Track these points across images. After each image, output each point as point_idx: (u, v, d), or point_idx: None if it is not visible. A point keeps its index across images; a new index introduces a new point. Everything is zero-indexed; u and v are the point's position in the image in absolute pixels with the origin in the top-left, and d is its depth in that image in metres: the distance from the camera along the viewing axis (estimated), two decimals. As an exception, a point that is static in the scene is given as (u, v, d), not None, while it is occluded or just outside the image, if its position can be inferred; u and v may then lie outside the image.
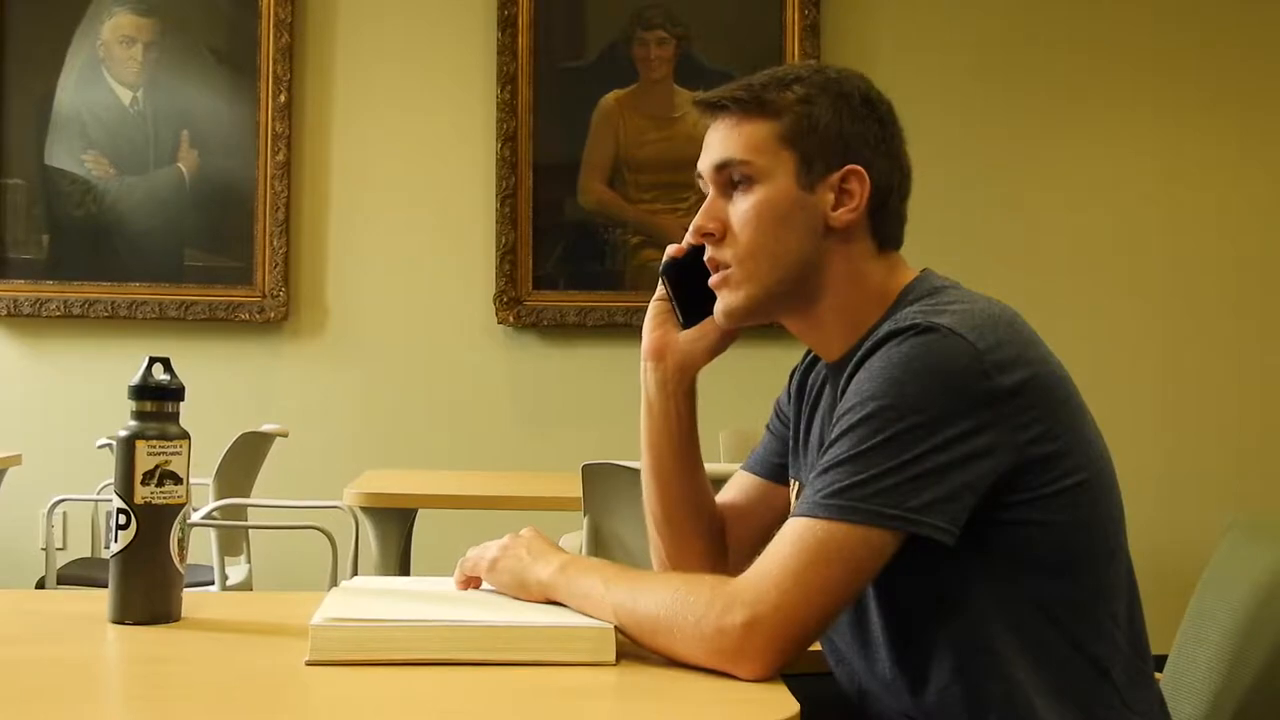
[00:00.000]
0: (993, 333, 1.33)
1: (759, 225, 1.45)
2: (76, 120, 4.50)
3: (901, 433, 1.28)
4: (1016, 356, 1.33)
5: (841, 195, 1.45)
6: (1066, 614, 1.36)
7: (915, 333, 1.32)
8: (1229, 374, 4.59)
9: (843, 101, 1.46)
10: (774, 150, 1.45)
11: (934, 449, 1.28)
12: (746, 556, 1.59)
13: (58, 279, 4.50)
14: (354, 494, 3.14)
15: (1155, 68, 4.63)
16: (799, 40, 4.48)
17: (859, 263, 1.46)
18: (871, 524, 1.27)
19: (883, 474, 1.28)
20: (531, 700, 1.20)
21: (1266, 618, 1.49)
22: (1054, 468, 1.34)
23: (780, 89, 1.46)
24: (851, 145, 1.45)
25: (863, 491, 1.27)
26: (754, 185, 1.45)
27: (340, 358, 4.55)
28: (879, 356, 1.33)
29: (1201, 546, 1.75)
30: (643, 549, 2.72)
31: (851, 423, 1.31)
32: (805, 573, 1.27)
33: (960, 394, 1.30)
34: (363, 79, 4.58)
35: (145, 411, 1.47)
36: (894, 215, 1.48)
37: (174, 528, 1.45)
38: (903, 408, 1.29)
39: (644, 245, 4.55)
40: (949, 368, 1.30)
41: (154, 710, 1.21)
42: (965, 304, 1.38)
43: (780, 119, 1.45)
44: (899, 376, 1.30)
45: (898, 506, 1.27)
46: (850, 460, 1.29)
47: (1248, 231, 4.63)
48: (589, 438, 4.27)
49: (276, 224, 4.48)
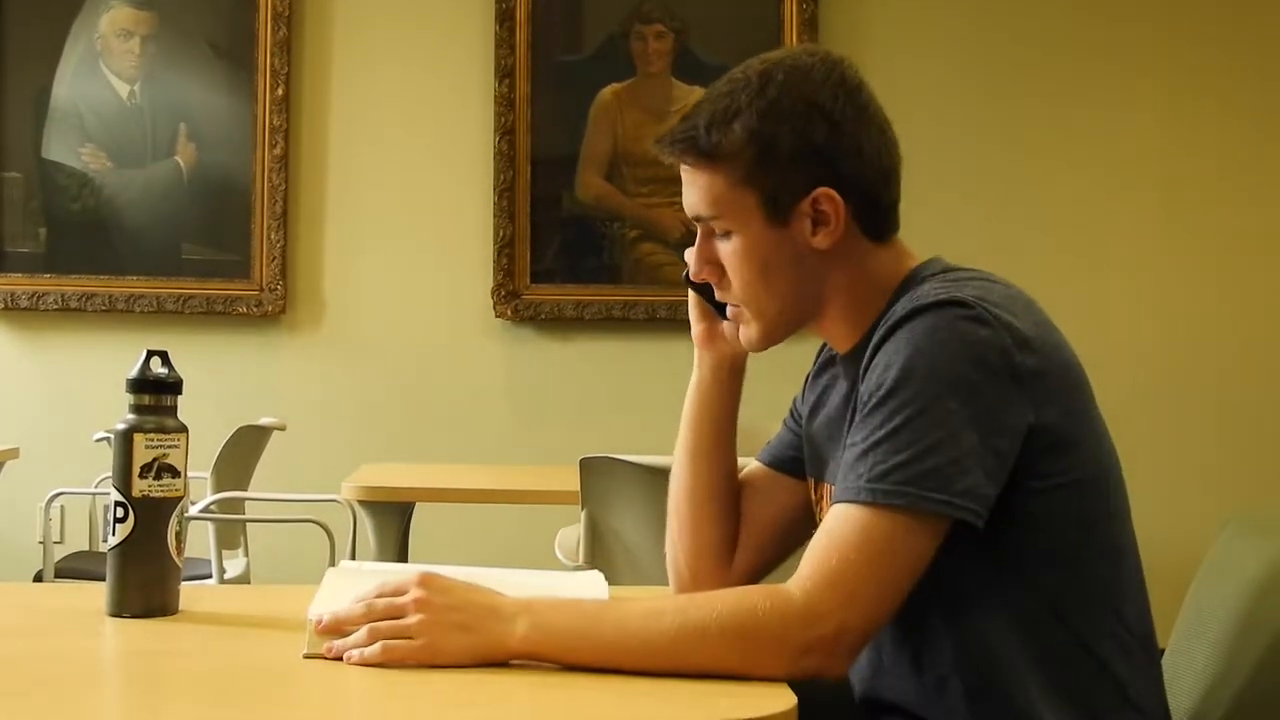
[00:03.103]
0: (1014, 311, 1.34)
1: (745, 273, 1.44)
2: (74, 113, 4.50)
3: (932, 406, 1.28)
4: (1038, 337, 1.34)
5: (818, 218, 1.42)
6: (1071, 610, 1.36)
7: (940, 306, 1.31)
8: (1229, 373, 4.59)
9: (788, 122, 1.40)
10: (735, 197, 1.42)
11: (966, 423, 1.28)
12: (749, 541, 1.62)
13: (55, 272, 4.49)
14: (352, 487, 3.14)
15: (1155, 65, 4.62)
16: (797, 34, 4.48)
17: (858, 264, 1.45)
18: (922, 509, 1.27)
19: (923, 453, 1.27)
20: (528, 694, 1.20)
21: (1261, 611, 1.49)
22: (1067, 455, 1.34)
23: (724, 129, 1.41)
24: (809, 165, 1.41)
25: (906, 473, 1.27)
26: (729, 235, 1.44)
27: (338, 351, 4.55)
28: (905, 331, 1.32)
29: (1199, 542, 1.75)
30: (639, 542, 2.73)
31: (881, 396, 1.30)
32: (878, 572, 1.27)
33: (989, 367, 1.30)
34: (360, 73, 4.58)
35: (143, 405, 1.47)
36: (882, 208, 1.46)
37: (172, 521, 1.45)
38: (935, 380, 1.29)
39: (642, 239, 4.55)
40: (976, 341, 1.30)
41: (152, 703, 1.21)
42: (985, 282, 1.37)
43: (732, 164, 1.41)
44: (928, 348, 1.30)
45: (945, 490, 1.27)
46: (888, 438, 1.28)
47: (1247, 229, 4.63)
48: (587, 432, 4.27)
49: (274, 217, 4.48)
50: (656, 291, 4.51)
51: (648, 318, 4.51)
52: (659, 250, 4.54)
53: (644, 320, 4.51)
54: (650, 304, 4.50)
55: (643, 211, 4.54)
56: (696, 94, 4.57)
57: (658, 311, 4.50)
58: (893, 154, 1.46)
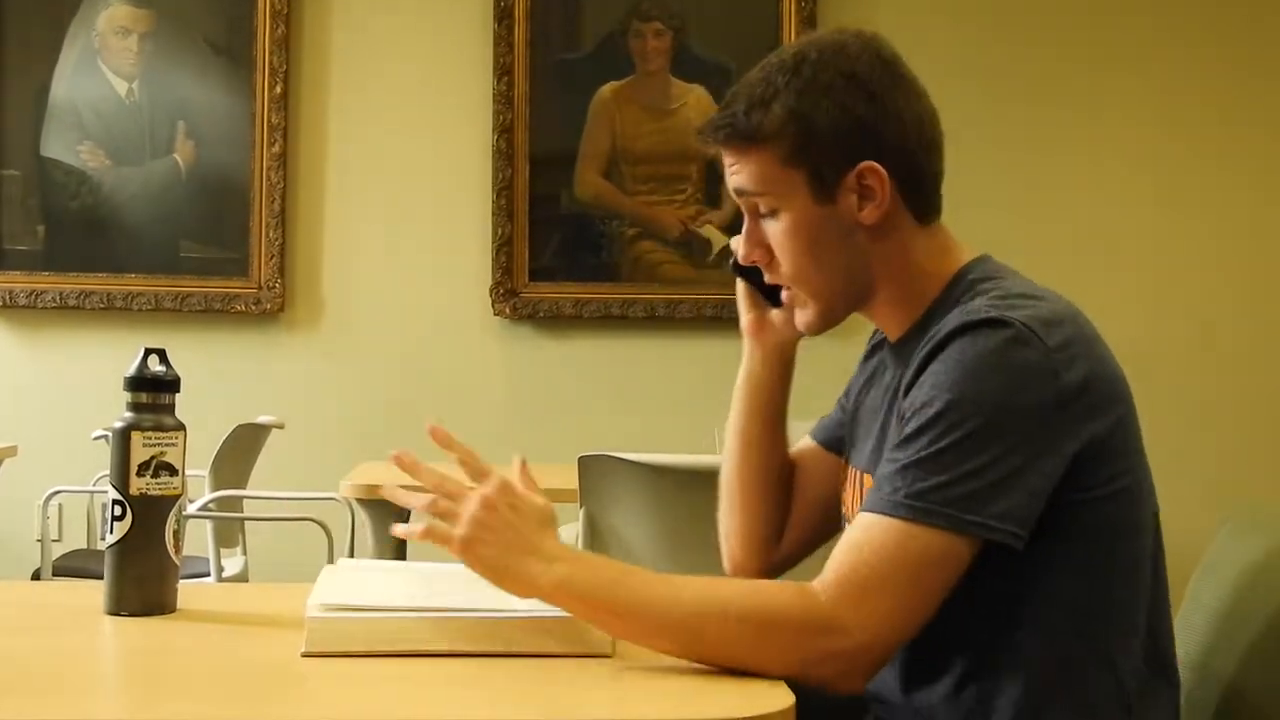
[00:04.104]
0: (1060, 329, 1.33)
1: (794, 251, 1.44)
2: (72, 111, 4.49)
3: (979, 431, 1.28)
4: (1083, 352, 1.33)
5: (864, 193, 1.42)
6: (1092, 620, 1.35)
7: (989, 328, 1.31)
8: (1228, 373, 4.59)
9: (828, 97, 1.40)
10: (781, 175, 1.42)
11: (1010, 450, 1.28)
12: (797, 518, 1.64)
13: (53, 270, 4.48)
14: (350, 485, 3.14)
15: (1156, 64, 4.63)
16: (795, 31, 4.48)
17: (906, 244, 1.45)
18: (958, 530, 1.27)
19: (964, 476, 1.27)
20: (528, 691, 1.20)
21: (1255, 606, 1.50)
22: (1107, 466, 1.34)
23: (763, 110, 1.41)
24: (853, 140, 1.41)
25: (945, 495, 1.27)
26: (776, 213, 1.44)
27: (336, 349, 4.54)
28: (953, 350, 1.32)
29: (1199, 539, 1.75)
30: (637, 541, 2.72)
31: (928, 417, 1.30)
32: (907, 591, 1.27)
33: (1033, 393, 1.29)
34: (359, 70, 4.57)
35: (141, 403, 1.47)
36: (926, 182, 1.45)
37: (169, 519, 1.45)
38: (980, 405, 1.28)
39: (640, 237, 4.55)
40: (1023, 366, 1.30)
41: (150, 702, 1.21)
42: (1034, 298, 1.37)
43: (775, 143, 1.41)
44: (976, 371, 1.30)
45: (980, 513, 1.27)
46: (931, 458, 1.28)
47: (1246, 228, 4.63)
48: (585, 430, 4.27)
49: (272, 215, 4.48)
50: (655, 289, 4.51)
51: (646, 316, 4.51)
52: (658, 248, 4.54)
53: (643, 318, 4.51)
54: (649, 302, 4.50)
55: (641, 209, 4.54)
56: (695, 91, 4.65)
57: (656, 309, 4.50)
58: (934, 124, 1.47)
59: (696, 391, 4.49)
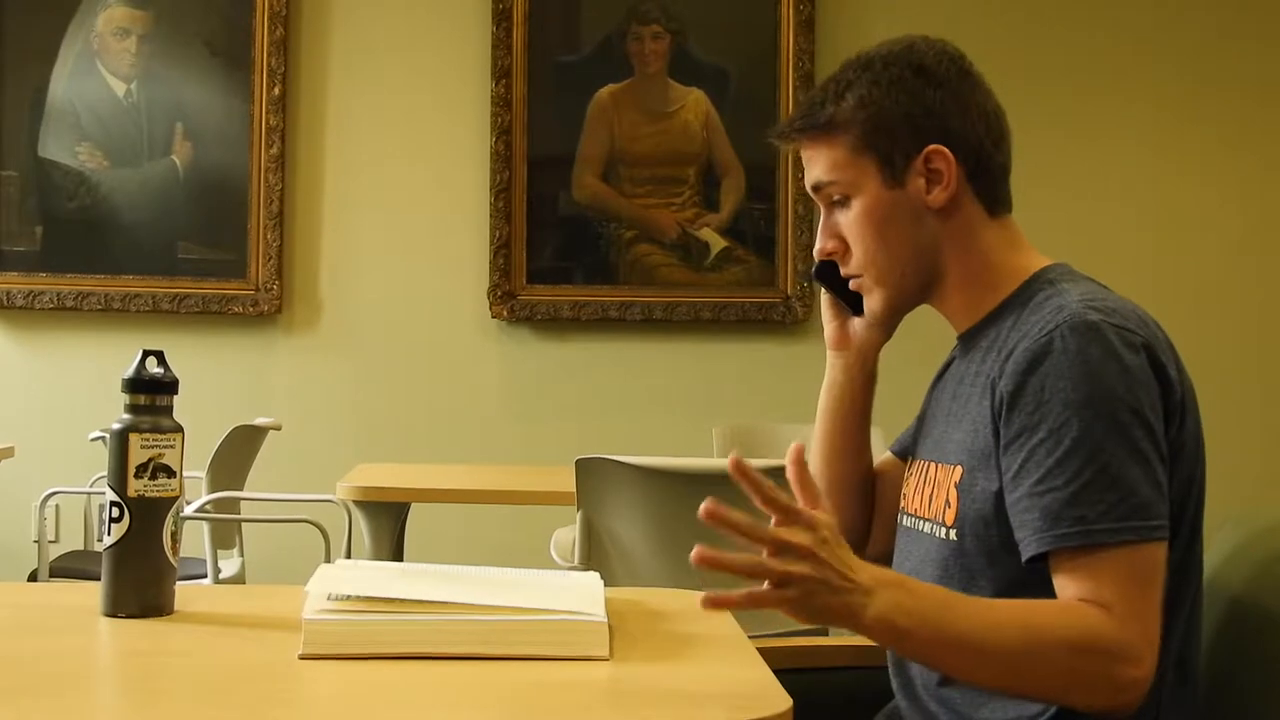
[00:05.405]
0: (1152, 332, 1.37)
1: (866, 236, 1.49)
2: (70, 112, 4.49)
3: (1123, 430, 1.30)
4: (1169, 351, 1.38)
5: (932, 176, 1.46)
6: None
7: (1089, 327, 1.33)
8: (1228, 371, 4.59)
9: (897, 87, 1.47)
10: (853, 163, 1.48)
11: (1150, 445, 1.31)
12: (879, 530, 1.66)
13: (51, 271, 4.49)
14: (347, 487, 3.13)
15: (1156, 62, 4.63)
16: (794, 35, 4.48)
17: (974, 232, 1.48)
18: (1150, 539, 1.30)
19: (1136, 485, 1.29)
20: (526, 694, 1.20)
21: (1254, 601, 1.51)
22: (1186, 467, 1.36)
23: (837, 102, 1.48)
24: (921, 125, 1.46)
25: (1132, 504, 1.29)
26: (849, 200, 1.49)
27: (334, 351, 4.54)
28: (1059, 354, 1.33)
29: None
30: (635, 543, 2.72)
31: (1076, 438, 1.30)
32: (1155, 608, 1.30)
33: (1149, 386, 1.32)
34: (357, 72, 4.57)
35: (138, 404, 1.46)
36: (994, 171, 1.49)
37: (167, 521, 1.45)
38: (1110, 405, 1.30)
39: (638, 239, 4.55)
40: (1133, 361, 1.32)
41: (146, 704, 1.21)
42: (1123, 302, 1.40)
43: (848, 132, 1.48)
44: (1097, 372, 1.31)
45: (1161, 517, 1.30)
46: (1102, 474, 1.29)
47: (1246, 227, 4.63)
48: (582, 432, 4.27)
49: (270, 217, 4.48)
50: (653, 292, 4.51)
51: (644, 318, 4.51)
52: (655, 251, 4.54)
53: (640, 321, 4.51)
54: (646, 304, 4.50)
55: (639, 212, 4.54)
56: (694, 94, 4.66)
57: (654, 312, 4.50)
58: (1000, 118, 1.52)
59: (694, 394, 4.49)
